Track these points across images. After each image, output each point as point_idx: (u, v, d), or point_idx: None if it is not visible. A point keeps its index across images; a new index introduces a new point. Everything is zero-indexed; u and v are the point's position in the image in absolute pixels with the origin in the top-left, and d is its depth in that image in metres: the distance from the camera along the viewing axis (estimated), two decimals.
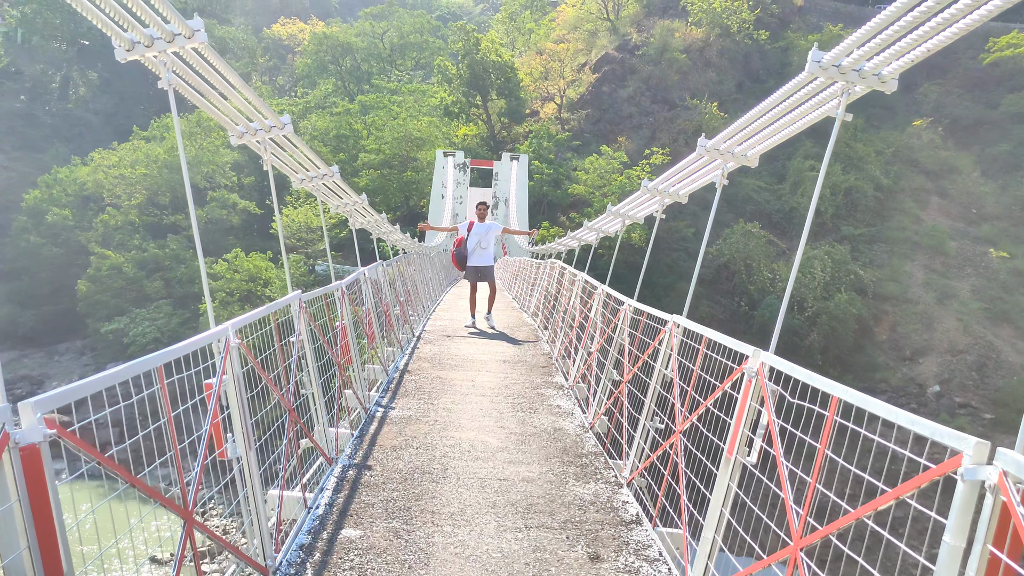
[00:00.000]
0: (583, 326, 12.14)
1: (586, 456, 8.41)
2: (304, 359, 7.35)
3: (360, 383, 9.77)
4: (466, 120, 64.04)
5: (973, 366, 49.06)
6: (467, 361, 13.16)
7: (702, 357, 6.36)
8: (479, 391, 11.03)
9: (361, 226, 13.50)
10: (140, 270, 52.26)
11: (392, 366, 12.32)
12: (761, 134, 6.78)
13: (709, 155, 7.30)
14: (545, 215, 54.01)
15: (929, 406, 47.08)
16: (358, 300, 11.35)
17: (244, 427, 5.25)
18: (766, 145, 6.95)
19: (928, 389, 48.19)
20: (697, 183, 8.40)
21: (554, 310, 15.95)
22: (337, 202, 11.08)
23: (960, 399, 47.18)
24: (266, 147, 7.42)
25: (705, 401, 5.96)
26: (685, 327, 7.08)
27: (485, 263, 17.34)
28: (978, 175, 58.81)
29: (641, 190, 9.69)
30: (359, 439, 8.50)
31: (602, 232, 13.92)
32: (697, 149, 7.35)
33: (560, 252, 19.21)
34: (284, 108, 66.09)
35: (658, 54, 62.57)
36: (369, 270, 11.83)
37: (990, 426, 45.06)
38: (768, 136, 6.68)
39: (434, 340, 15.20)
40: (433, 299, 23.60)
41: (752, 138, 6.92)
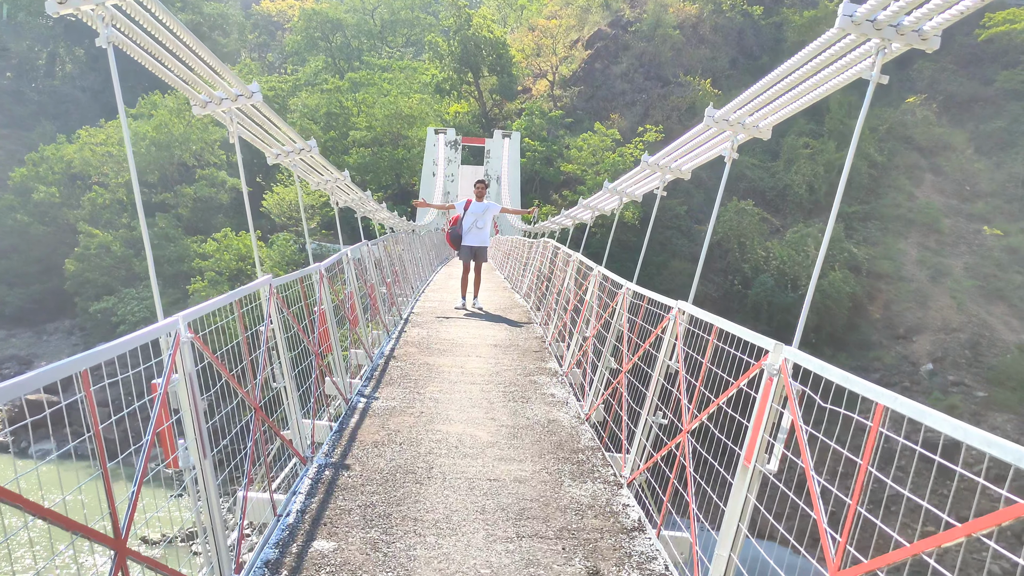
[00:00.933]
0: (578, 309, 11.51)
1: (583, 451, 7.78)
2: (276, 350, 6.69)
3: (341, 371, 9.13)
4: (457, 97, 63.11)
5: (966, 344, 48.68)
6: (456, 346, 12.51)
7: (712, 348, 5.71)
8: (469, 379, 10.39)
9: (345, 204, 12.79)
10: (128, 249, 51.60)
11: (377, 351, 11.67)
12: (777, 102, 6.11)
13: (717, 126, 6.63)
14: (537, 193, 53.29)
15: (922, 384, 46.75)
16: (341, 282, 10.69)
17: (198, 432, 4.60)
18: (782, 115, 6.29)
19: (921, 367, 47.82)
20: (702, 157, 7.74)
21: (547, 291, 15.30)
22: (317, 179, 10.37)
23: (953, 377, 46.83)
24: (232, 118, 6.72)
25: (717, 399, 5.32)
26: (691, 314, 6.45)
27: (480, 243, 16.66)
28: (972, 152, 58.23)
29: (640, 166, 9.05)
30: (338, 434, 7.85)
31: (597, 210, 13.25)
32: (704, 120, 6.68)
33: (554, 231, 18.54)
34: (274, 85, 65.11)
35: (651, 30, 61.63)
36: (352, 250, 11.15)
37: (983, 404, 44.80)
38: (787, 103, 6.01)
39: (422, 323, 14.55)
40: (423, 279, 22.91)
41: (767, 107, 6.25)
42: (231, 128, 6.73)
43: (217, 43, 74.57)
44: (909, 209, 55.44)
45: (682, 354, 6.28)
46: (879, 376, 47.07)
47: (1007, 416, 43.88)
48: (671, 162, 8.71)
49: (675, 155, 8.44)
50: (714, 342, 5.69)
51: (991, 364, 46.93)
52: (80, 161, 55.82)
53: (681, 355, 6.29)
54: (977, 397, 45.38)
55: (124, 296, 47.99)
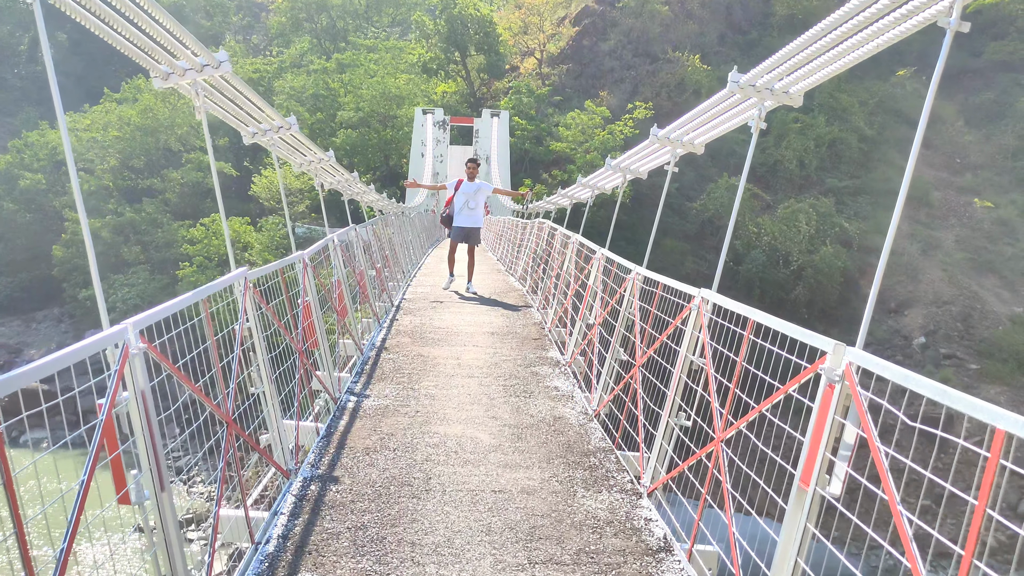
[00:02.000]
0: (580, 294, 10.75)
1: (594, 453, 7.03)
2: (253, 352, 5.92)
3: (329, 367, 8.35)
4: (445, 77, 62.02)
5: (958, 317, 48.20)
6: (451, 334, 11.72)
7: (748, 345, 4.96)
8: (466, 371, 9.62)
9: (331, 186, 11.96)
10: (117, 235, 50.91)
11: (367, 342, 10.88)
12: (814, 63, 5.33)
13: (743, 92, 5.85)
14: (527, 172, 52.42)
15: (915, 358, 46.33)
16: (328, 270, 9.89)
17: (154, 460, 3.83)
18: (819, 77, 5.51)
19: (913, 341, 47.36)
20: (721, 128, 6.95)
21: (544, 274, 14.52)
22: (300, 160, 9.53)
23: (945, 350, 46.42)
24: (198, 91, 5.90)
25: (758, 405, 4.56)
26: (717, 304, 5.69)
27: (472, 224, 16.01)
28: (962, 124, 57.51)
29: (649, 140, 8.25)
30: (326, 439, 7.08)
31: (598, 189, 12.46)
32: (728, 86, 5.88)
33: (549, 211, 17.74)
34: (259, 67, 63.97)
35: (639, 6, 60.54)
36: (340, 235, 10.34)
37: (976, 376, 44.45)
38: (825, 64, 5.23)
39: (415, 309, 13.75)
40: (414, 262, 22.09)
41: (801, 69, 5.46)
42: (197, 103, 5.90)
43: (201, 25, 73.27)
44: (899, 183, 54.29)
45: (709, 350, 5.53)
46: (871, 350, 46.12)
47: (1000, 388, 43.53)
48: (683, 135, 7.89)
49: (689, 127, 7.59)
50: (750, 338, 4.93)
51: (983, 336, 46.55)
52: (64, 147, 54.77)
53: (708, 351, 5.53)
54: (970, 369, 45.03)
55: (114, 283, 47.49)
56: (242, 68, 61.82)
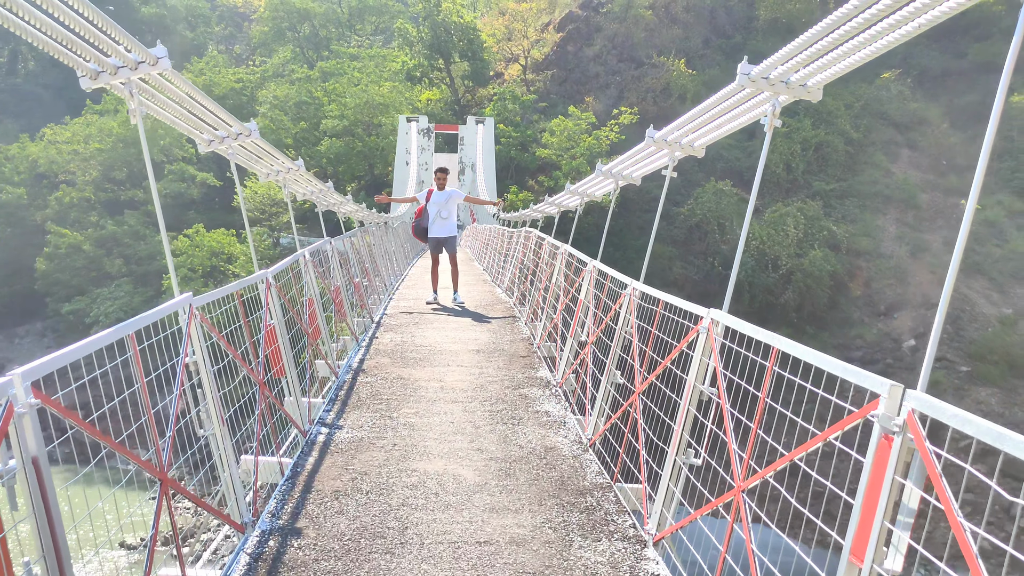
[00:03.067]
0: (571, 308, 10.00)
1: (591, 491, 6.26)
2: (201, 389, 5.13)
3: (297, 394, 7.55)
4: (429, 84, 61.23)
5: (948, 319, 47.56)
6: (434, 353, 10.92)
7: (771, 376, 4.20)
8: (449, 395, 8.83)
9: (304, 197, 11.15)
10: (99, 248, 50.18)
11: (344, 364, 10.07)
12: (837, 52, 4.58)
13: (754, 86, 5.10)
14: (513, 179, 51.70)
15: (905, 360, 45.92)
16: (299, 288, 9.10)
17: (48, 543, 3.05)
18: (843, 67, 4.77)
19: (903, 344, 46.91)
20: (727, 127, 6.18)
21: (532, 286, 13.75)
22: (265, 169, 8.72)
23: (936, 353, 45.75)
24: (132, 91, 5.10)
25: (789, 454, 3.80)
26: (729, 327, 4.95)
27: (447, 233, 15.39)
28: (947, 126, 57.09)
29: (645, 143, 7.47)
30: (291, 481, 6.28)
31: (588, 196, 11.71)
32: (737, 79, 5.12)
33: (536, 219, 16.98)
34: (242, 77, 63.09)
35: (623, 11, 59.88)
36: (312, 249, 9.55)
37: (967, 379, 44.05)
38: (853, 51, 4.49)
39: (396, 326, 12.94)
40: (396, 275, 21.28)
41: (822, 58, 4.72)
42: (131, 105, 5.11)
43: (184, 36, 72.35)
44: (886, 185, 54.36)
45: (723, 380, 4.77)
46: (862, 354, 46.10)
47: (991, 390, 43.15)
48: (682, 136, 7.04)
49: (688, 127, 6.73)
50: (773, 368, 4.18)
51: (973, 338, 46.16)
52: (45, 160, 54.18)
53: (722, 381, 4.78)
54: (961, 372, 44.62)
55: (96, 296, 46.84)
56: (224, 78, 60.97)
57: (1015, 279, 50.35)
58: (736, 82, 5.19)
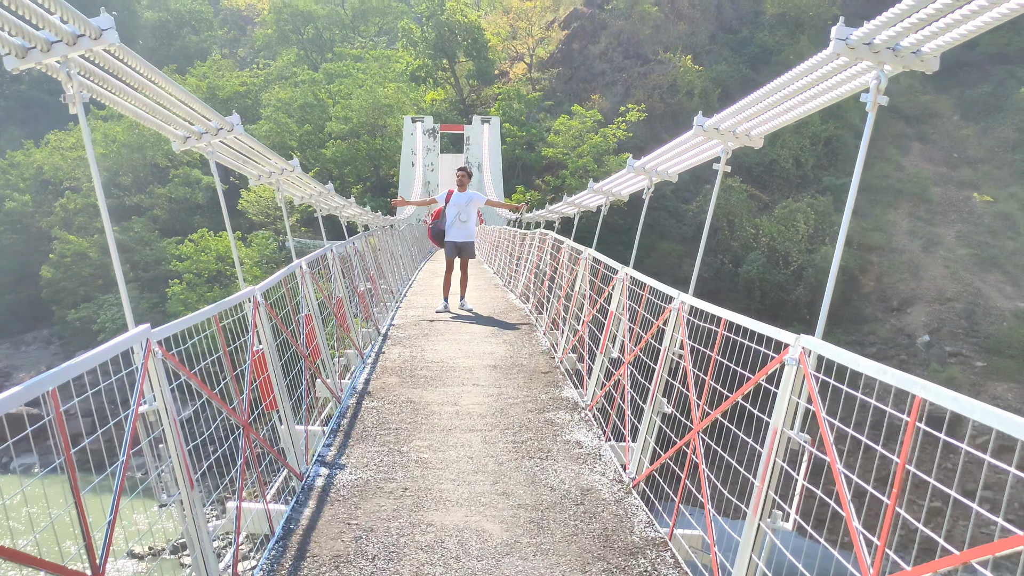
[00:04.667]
0: (599, 321, 8.88)
1: (642, 551, 5.13)
2: (164, 443, 4.02)
3: (291, 426, 6.42)
4: (434, 84, 60.06)
5: (962, 314, 46.64)
6: (447, 370, 9.79)
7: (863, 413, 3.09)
8: (466, 422, 7.71)
9: (302, 201, 10.02)
10: (105, 254, 49.33)
11: (348, 385, 8.94)
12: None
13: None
14: (520, 179, 50.58)
15: (919, 356, 44.82)
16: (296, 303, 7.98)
17: None
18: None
19: (917, 339, 45.76)
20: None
21: (551, 293, 12.61)
22: (255, 170, 7.58)
23: (950, 348, 44.86)
24: (71, 71, 3.99)
25: None
26: (822, 356, 3.84)
27: (466, 238, 14.25)
28: (958, 118, 55.88)
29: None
30: (283, 542, 5.16)
31: (613, 195, 10.59)
32: (832, 45, 4.08)
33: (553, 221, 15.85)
34: (246, 80, 62.10)
35: (628, 8, 58.67)
36: (310, 260, 8.42)
37: (983, 374, 42.93)
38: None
39: (404, 338, 11.80)
40: (404, 280, 20.15)
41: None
42: (69, 90, 4.01)
43: (187, 40, 71.39)
44: (898, 179, 53.19)
45: (827, 432, 3.65)
46: (875, 350, 44.98)
47: (1008, 385, 42.01)
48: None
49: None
50: (884, 410, 3.06)
51: (988, 333, 45.05)
52: (50, 166, 53.38)
53: (826, 429, 3.66)
54: (976, 367, 43.50)
55: (103, 303, 45.93)
56: (228, 81, 59.98)
57: None
58: (830, 49, 4.10)
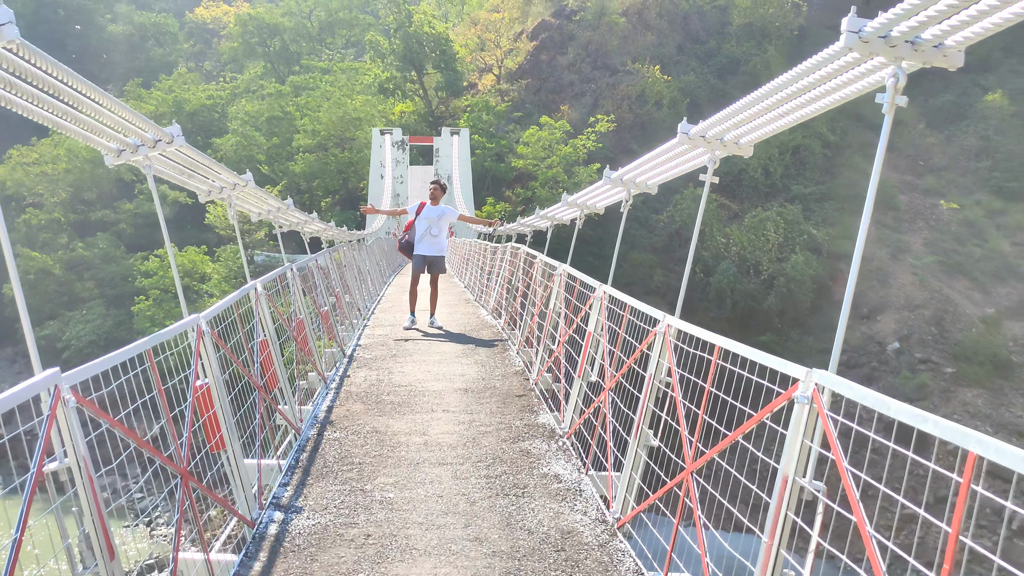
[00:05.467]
0: (576, 342, 8.32)
1: None
2: (78, 506, 3.41)
3: (243, 471, 5.79)
4: (402, 97, 59.38)
5: (931, 320, 46.72)
6: (415, 395, 9.16)
7: None
8: (435, 454, 7.09)
9: (259, 218, 9.38)
10: (70, 271, 48.44)
11: (309, 414, 8.30)
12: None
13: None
14: (490, 190, 50.03)
15: (890, 364, 44.79)
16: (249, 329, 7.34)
17: None
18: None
19: (888, 346, 45.71)
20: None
21: (525, 310, 12.03)
22: (203, 184, 6.92)
23: (920, 355, 44.89)
24: None
25: None
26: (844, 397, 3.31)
27: (436, 252, 13.68)
28: (923, 127, 56.13)
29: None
30: None
31: (588, 208, 10.07)
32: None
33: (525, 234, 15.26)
34: (212, 93, 61.17)
35: (596, 19, 58.40)
36: (265, 281, 7.78)
37: (952, 380, 42.96)
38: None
39: (371, 359, 11.16)
40: (372, 296, 19.48)
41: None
42: None
43: (152, 54, 70.24)
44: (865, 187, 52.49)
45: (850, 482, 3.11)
46: (846, 358, 44.90)
47: (977, 391, 42.07)
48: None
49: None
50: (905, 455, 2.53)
51: (957, 340, 45.16)
52: (13, 182, 52.27)
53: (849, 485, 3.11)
54: (946, 373, 43.53)
55: (68, 320, 45.02)
56: (195, 95, 59.01)
57: (996, 279, 49.44)
58: (841, 43, 3.57)
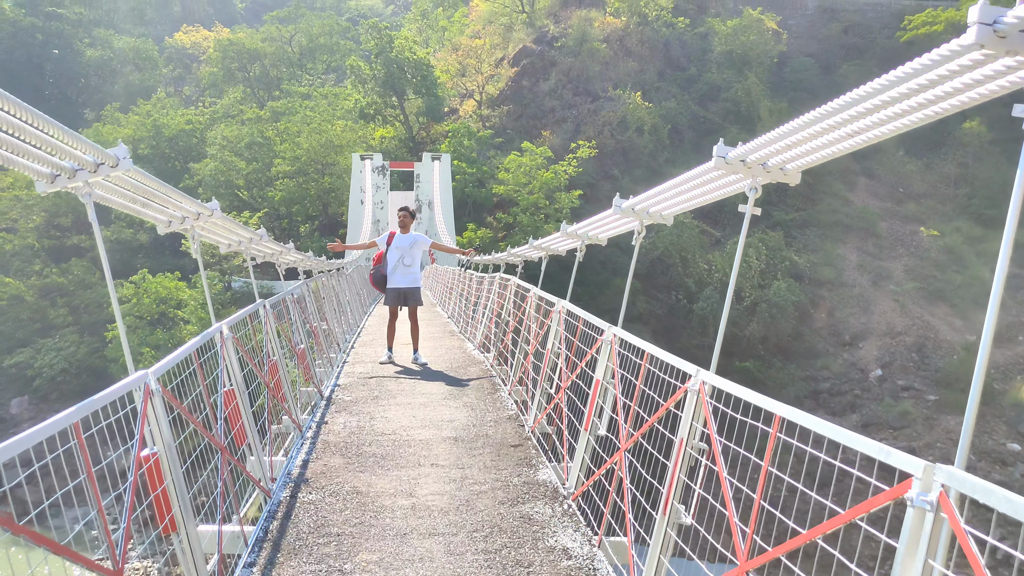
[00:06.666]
0: (578, 386, 7.43)
1: None
2: None
3: (197, 563, 4.81)
4: (383, 122, 58.69)
5: (913, 347, 46.39)
6: (400, 445, 8.19)
7: None
8: (425, 522, 6.13)
9: (228, 249, 8.44)
10: (43, 298, 47.16)
11: (282, 469, 7.33)
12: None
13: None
14: (471, 216, 49.32)
15: (872, 391, 44.31)
16: (207, 384, 6.38)
17: None
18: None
19: (870, 373, 45.29)
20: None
21: (517, 347, 11.11)
22: (163, 215, 5.99)
23: (903, 382, 44.46)
24: None
25: None
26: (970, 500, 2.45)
27: (410, 284, 12.88)
28: (903, 154, 56.10)
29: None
30: None
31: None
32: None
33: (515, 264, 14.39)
34: (191, 118, 60.24)
35: (577, 45, 58.04)
36: (232, 323, 6.85)
37: (935, 408, 42.49)
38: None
39: (351, 403, 10.17)
40: (352, 327, 18.50)
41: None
42: None
43: (131, 79, 69.16)
44: (846, 214, 53.11)
45: None
46: (829, 385, 44.43)
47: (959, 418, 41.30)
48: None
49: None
50: None
51: (939, 366, 44.86)
52: None
53: None
54: (928, 401, 43.13)
55: (41, 347, 43.56)
56: (173, 120, 58.01)
57: (977, 305, 49.10)
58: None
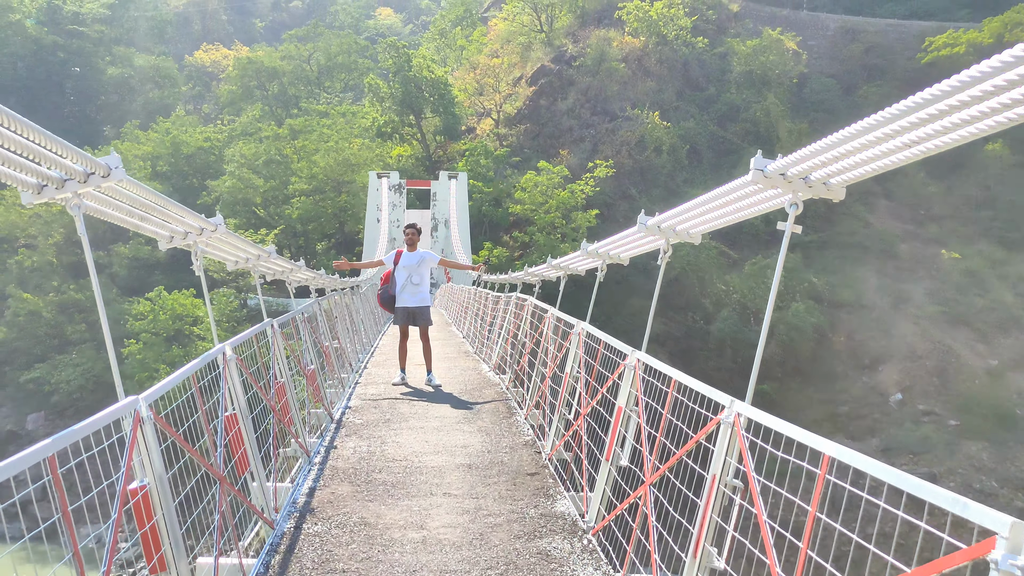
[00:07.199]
0: (598, 413, 7.05)
1: None
2: None
3: None
4: (400, 140, 58.70)
5: (934, 371, 45.57)
6: (411, 472, 7.82)
7: None
8: (436, 559, 5.73)
9: (236, 267, 8.12)
10: (61, 314, 47.37)
11: (288, 497, 6.98)
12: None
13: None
14: (488, 235, 49.07)
15: (892, 415, 43.53)
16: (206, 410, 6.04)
17: None
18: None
19: (890, 398, 44.51)
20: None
21: (534, 369, 10.74)
22: (164, 229, 5.67)
23: (923, 406, 43.64)
24: None
25: None
26: None
27: (419, 303, 12.53)
28: (924, 176, 55.50)
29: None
30: None
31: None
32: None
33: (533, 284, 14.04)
34: (209, 135, 60.53)
35: (595, 64, 57.92)
36: (236, 343, 6.52)
37: (956, 433, 41.62)
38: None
39: (361, 426, 9.82)
40: (366, 347, 18.15)
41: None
42: None
43: (151, 96, 69.65)
44: (865, 236, 52.50)
45: None
46: (848, 409, 43.72)
47: (981, 444, 40.72)
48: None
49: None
50: None
51: (960, 391, 44.02)
52: (6, 223, 51.43)
53: None
54: (949, 426, 42.28)
55: (58, 363, 43.71)
56: (192, 137, 58.32)
57: (1000, 329, 48.35)
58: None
